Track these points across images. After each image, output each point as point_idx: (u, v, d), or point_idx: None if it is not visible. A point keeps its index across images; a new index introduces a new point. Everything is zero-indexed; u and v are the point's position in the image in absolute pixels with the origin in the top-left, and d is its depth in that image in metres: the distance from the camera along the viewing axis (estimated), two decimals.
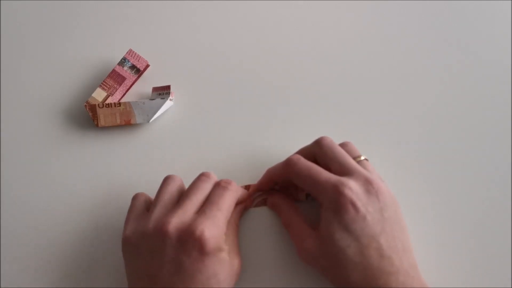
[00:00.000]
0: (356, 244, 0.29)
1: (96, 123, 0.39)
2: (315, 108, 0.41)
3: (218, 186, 0.32)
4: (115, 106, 0.39)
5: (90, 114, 0.39)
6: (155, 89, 0.41)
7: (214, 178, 0.34)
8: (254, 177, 0.38)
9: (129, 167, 0.39)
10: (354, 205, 0.29)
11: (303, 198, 0.36)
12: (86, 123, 0.40)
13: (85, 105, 0.39)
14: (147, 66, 0.42)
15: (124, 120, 0.39)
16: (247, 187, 0.37)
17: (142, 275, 0.30)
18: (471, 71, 0.42)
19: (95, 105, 0.39)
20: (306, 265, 0.32)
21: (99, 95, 0.40)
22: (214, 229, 0.29)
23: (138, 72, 0.41)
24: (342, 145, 0.35)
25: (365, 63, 0.43)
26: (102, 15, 0.44)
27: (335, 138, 0.34)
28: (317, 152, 0.33)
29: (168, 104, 0.39)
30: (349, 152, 0.33)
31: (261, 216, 0.36)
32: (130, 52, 0.41)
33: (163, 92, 0.40)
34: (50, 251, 0.36)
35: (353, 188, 0.30)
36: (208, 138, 0.40)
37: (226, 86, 0.42)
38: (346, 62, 0.43)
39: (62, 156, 0.39)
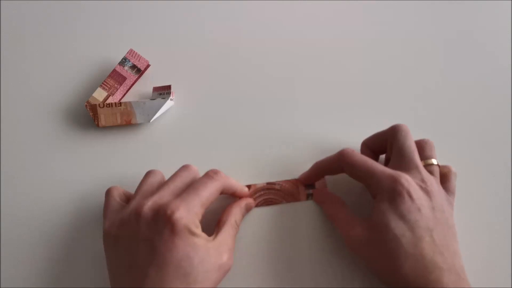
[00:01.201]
0: (410, 234, 0.28)
1: (96, 123, 0.39)
2: (316, 108, 0.41)
3: (205, 175, 0.32)
4: (115, 106, 0.39)
5: (90, 114, 0.39)
6: (155, 89, 0.41)
7: (196, 170, 0.34)
8: (255, 177, 0.38)
9: (129, 166, 0.39)
10: (410, 196, 0.29)
11: (304, 198, 0.37)
12: (86, 123, 0.40)
13: (86, 105, 0.39)
14: (148, 66, 0.42)
15: (125, 120, 0.39)
16: (247, 187, 0.37)
17: (121, 266, 0.29)
18: (481, 71, 0.43)
19: (95, 105, 0.39)
20: (351, 253, 0.32)
21: (99, 95, 0.40)
22: (186, 210, 0.29)
23: (139, 72, 0.41)
24: (422, 141, 0.34)
25: (365, 63, 0.43)
26: (103, 15, 0.44)
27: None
28: (390, 134, 0.34)
29: (168, 104, 0.39)
30: (422, 149, 0.34)
31: (261, 216, 0.36)
32: (131, 52, 0.41)
33: (163, 92, 0.40)
34: (50, 251, 0.36)
35: (409, 180, 0.30)
36: (208, 138, 0.40)
37: (227, 85, 0.42)
38: (347, 61, 0.43)
39: (63, 155, 0.39)
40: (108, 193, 0.34)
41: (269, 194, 0.37)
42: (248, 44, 0.43)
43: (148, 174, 0.34)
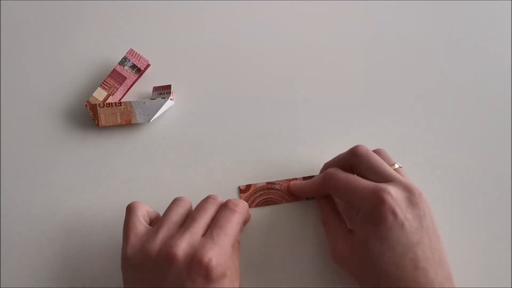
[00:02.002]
0: (390, 254, 0.28)
1: (96, 122, 0.39)
2: (316, 108, 0.41)
3: (225, 208, 0.31)
4: (115, 105, 0.39)
5: (90, 113, 0.39)
6: (155, 89, 0.41)
7: (220, 200, 0.33)
8: (255, 177, 0.38)
9: (129, 166, 0.39)
10: (393, 212, 0.28)
11: (304, 198, 0.37)
12: (86, 122, 0.40)
13: (86, 105, 0.39)
14: (148, 65, 0.42)
15: (125, 120, 0.39)
16: (247, 187, 0.37)
17: None
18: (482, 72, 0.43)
19: (95, 104, 0.39)
20: (336, 265, 0.32)
21: (99, 94, 0.39)
22: (222, 256, 0.28)
23: (139, 71, 0.41)
24: (376, 152, 0.34)
25: (365, 63, 0.43)
26: (103, 15, 0.44)
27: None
28: (353, 161, 0.33)
29: (168, 103, 0.39)
30: (383, 158, 0.33)
31: (261, 216, 0.36)
32: (131, 51, 0.41)
33: (163, 91, 0.40)
34: (50, 251, 0.36)
35: (393, 194, 0.29)
36: (208, 138, 0.40)
37: (227, 85, 0.42)
38: (347, 61, 0.43)
39: (63, 155, 0.39)
40: (131, 210, 0.32)
41: (269, 194, 0.37)
42: (248, 44, 0.43)
43: (176, 201, 0.32)
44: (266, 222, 0.36)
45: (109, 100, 0.40)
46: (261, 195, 0.37)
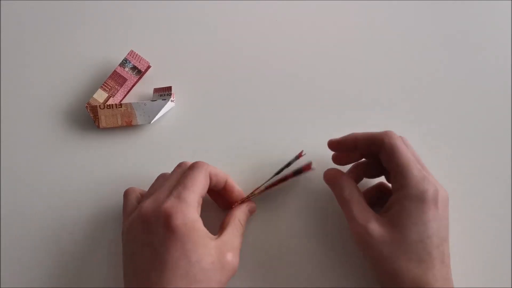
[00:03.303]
0: (429, 242, 0.29)
1: (97, 124, 0.39)
2: (317, 109, 0.41)
3: (188, 169, 0.32)
4: (116, 107, 0.39)
5: (91, 115, 0.39)
6: (156, 90, 0.41)
7: (187, 164, 0.33)
8: (256, 178, 0.38)
9: (130, 168, 0.39)
10: (436, 203, 0.29)
11: (291, 175, 0.33)
12: (87, 124, 0.40)
13: (86, 106, 0.39)
14: (149, 67, 0.41)
15: (125, 121, 0.39)
16: (250, 196, 0.35)
17: (129, 271, 0.29)
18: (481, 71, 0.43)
19: (96, 106, 0.39)
20: (358, 247, 0.32)
21: (100, 96, 0.39)
22: (178, 206, 0.28)
23: (139, 73, 0.41)
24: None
25: (365, 64, 0.43)
26: (103, 16, 0.44)
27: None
28: (386, 145, 0.32)
29: (169, 105, 0.39)
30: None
31: (261, 216, 0.36)
32: (131, 53, 0.41)
33: (164, 93, 0.40)
34: (50, 252, 0.36)
35: (439, 189, 0.30)
36: (209, 139, 0.40)
37: (228, 87, 0.42)
38: (349, 63, 0.43)
39: (63, 157, 0.39)
40: (125, 195, 0.34)
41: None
42: (249, 45, 0.43)
43: (159, 176, 0.34)
44: (266, 222, 0.36)
45: (110, 101, 0.40)
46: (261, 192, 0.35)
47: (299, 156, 0.34)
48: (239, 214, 0.34)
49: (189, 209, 0.29)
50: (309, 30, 0.44)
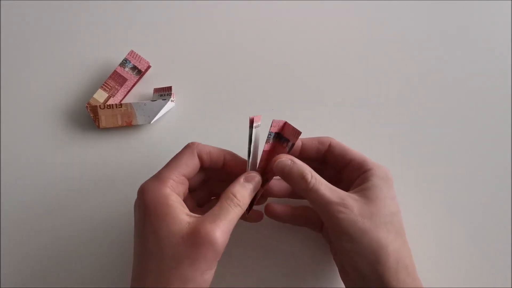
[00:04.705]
0: (399, 215, 0.30)
1: (97, 124, 0.39)
2: (318, 109, 0.41)
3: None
4: (116, 107, 0.39)
5: (91, 115, 0.39)
6: (156, 90, 0.41)
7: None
8: None
9: (130, 168, 0.39)
10: (392, 183, 0.32)
11: (286, 151, 0.33)
12: (87, 124, 0.40)
13: (87, 106, 0.39)
14: (149, 67, 0.41)
15: (125, 121, 0.39)
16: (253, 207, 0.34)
17: (135, 253, 0.29)
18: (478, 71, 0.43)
19: (96, 106, 0.39)
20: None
21: (100, 96, 0.39)
22: (152, 184, 0.29)
23: (140, 73, 0.41)
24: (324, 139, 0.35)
25: (364, 63, 0.43)
26: (103, 16, 0.44)
27: (341, 140, 0.34)
28: (333, 143, 0.34)
29: (169, 105, 0.39)
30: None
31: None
32: (132, 53, 0.41)
33: (164, 93, 0.40)
34: (50, 252, 0.36)
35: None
36: (209, 139, 0.39)
37: (228, 87, 0.42)
38: (347, 62, 0.43)
39: (63, 157, 0.39)
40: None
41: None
42: (249, 45, 0.43)
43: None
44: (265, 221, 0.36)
45: (110, 101, 0.40)
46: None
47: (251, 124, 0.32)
48: (232, 186, 0.30)
49: (161, 185, 0.29)
50: (309, 30, 0.44)
